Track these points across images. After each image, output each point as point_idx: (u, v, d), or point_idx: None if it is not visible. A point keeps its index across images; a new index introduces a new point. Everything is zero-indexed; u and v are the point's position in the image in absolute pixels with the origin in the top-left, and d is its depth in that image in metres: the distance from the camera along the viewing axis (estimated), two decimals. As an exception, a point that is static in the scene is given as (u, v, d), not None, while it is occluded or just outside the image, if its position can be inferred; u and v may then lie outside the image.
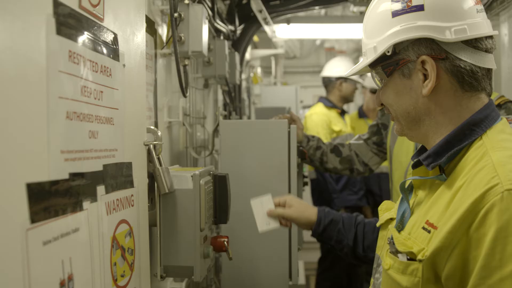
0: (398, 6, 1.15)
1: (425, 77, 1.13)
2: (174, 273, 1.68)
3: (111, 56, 1.22)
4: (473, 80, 1.11)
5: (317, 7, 3.56)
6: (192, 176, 1.65)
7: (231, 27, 3.33)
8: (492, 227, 0.94)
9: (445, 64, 1.11)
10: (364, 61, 1.23)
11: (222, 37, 3.02)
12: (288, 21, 4.25)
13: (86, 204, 1.06)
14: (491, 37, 1.13)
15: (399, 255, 1.11)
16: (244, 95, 4.91)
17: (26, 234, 0.82)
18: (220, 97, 3.48)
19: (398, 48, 1.15)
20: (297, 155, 2.30)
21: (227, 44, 2.89)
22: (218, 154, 2.39)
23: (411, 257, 1.08)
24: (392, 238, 1.15)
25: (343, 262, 4.18)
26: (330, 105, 4.57)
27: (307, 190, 4.68)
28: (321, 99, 4.71)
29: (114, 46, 1.24)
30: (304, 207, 1.78)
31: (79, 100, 1.03)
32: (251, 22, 3.61)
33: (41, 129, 0.89)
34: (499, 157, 1.03)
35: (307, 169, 4.31)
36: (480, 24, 1.12)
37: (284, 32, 4.74)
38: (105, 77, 1.18)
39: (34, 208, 0.84)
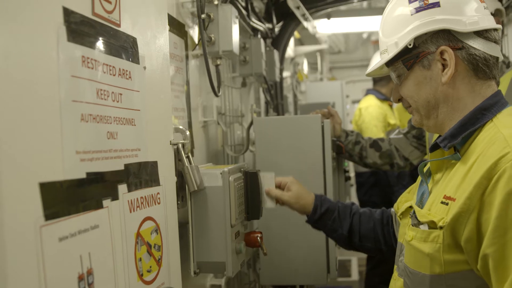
0: (416, 5, 1.28)
1: (444, 66, 1.26)
2: (207, 268, 1.72)
3: (130, 59, 1.26)
4: (486, 68, 1.25)
5: (355, 0, 3.53)
6: (221, 174, 1.69)
7: (269, 25, 3.34)
8: (503, 191, 1.05)
9: (461, 53, 1.25)
10: (386, 56, 1.35)
11: (259, 36, 3.04)
12: (328, 16, 4.22)
13: (106, 202, 1.11)
14: (496, 30, 1.27)
15: (420, 226, 1.23)
16: (289, 93, 4.92)
17: (40, 231, 0.87)
18: (262, 95, 3.50)
19: (417, 42, 1.28)
20: (333, 150, 2.30)
21: (263, 42, 2.90)
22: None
23: (432, 226, 1.19)
24: (414, 213, 1.28)
25: (391, 258, 4.12)
26: (382, 97, 4.50)
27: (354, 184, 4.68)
28: (372, 91, 4.64)
29: (133, 50, 1.29)
30: (302, 193, 1.81)
31: (95, 102, 1.08)
32: (290, 19, 3.61)
33: (54, 132, 0.94)
34: (509, 132, 1.14)
35: (350, 163, 4.28)
36: (487, 18, 1.26)
37: (326, 27, 4.71)
38: (124, 80, 1.22)
39: (48, 206, 0.89)
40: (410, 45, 1.27)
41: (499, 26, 1.28)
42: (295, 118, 2.34)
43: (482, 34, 1.24)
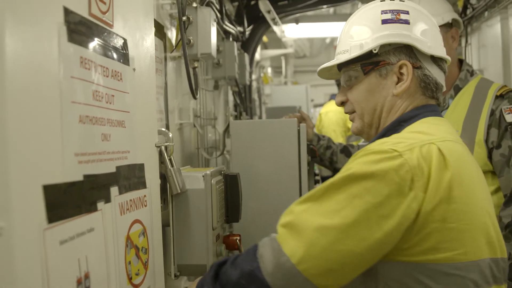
0: (388, 16, 1.34)
1: (398, 79, 1.33)
2: (187, 271, 1.71)
3: (121, 60, 1.25)
4: (435, 89, 1.34)
5: (325, 6, 3.58)
6: (203, 176, 1.69)
7: (240, 29, 3.36)
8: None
9: (417, 72, 1.33)
10: (346, 56, 1.38)
11: (231, 39, 3.05)
12: (296, 21, 4.27)
13: (100, 205, 1.09)
14: (446, 62, 1.37)
15: None
16: (255, 96, 4.94)
17: (44, 234, 0.86)
18: (231, 98, 3.51)
19: (380, 51, 1.33)
20: (308, 153, 2.32)
21: (236, 45, 2.92)
22: (229, 154, 2.42)
23: None
24: None
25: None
26: None
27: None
28: (335, 97, 4.73)
29: (124, 51, 1.28)
30: None
31: (91, 104, 1.07)
32: (260, 23, 3.64)
33: (55, 133, 0.92)
34: (396, 135, 1.23)
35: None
36: (443, 50, 1.37)
37: (293, 31, 4.76)
38: (116, 81, 1.21)
39: (50, 208, 0.88)
40: (375, 50, 1.31)
41: (449, 58, 1.37)
42: (272, 121, 2.36)
43: (436, 61, 1.34)
